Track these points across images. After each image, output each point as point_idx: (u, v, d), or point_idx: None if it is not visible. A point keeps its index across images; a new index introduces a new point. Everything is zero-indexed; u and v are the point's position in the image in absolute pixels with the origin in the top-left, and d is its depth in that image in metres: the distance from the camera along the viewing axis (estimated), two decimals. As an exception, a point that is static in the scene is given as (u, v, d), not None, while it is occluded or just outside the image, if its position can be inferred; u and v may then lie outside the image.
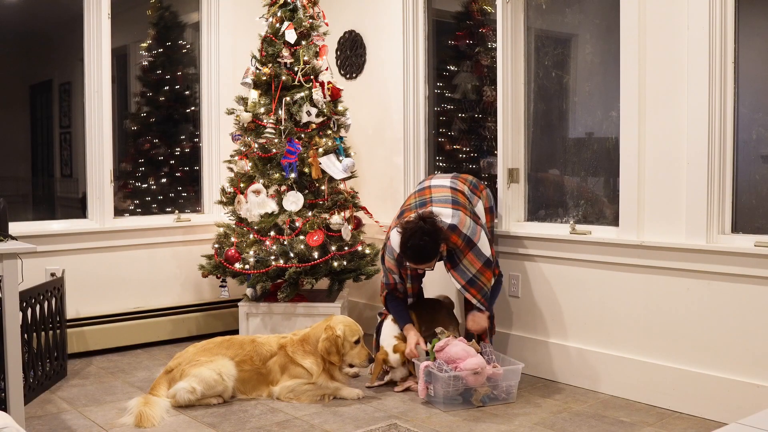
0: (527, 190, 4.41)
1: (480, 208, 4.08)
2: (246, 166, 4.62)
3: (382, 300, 4.16)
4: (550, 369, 4.15)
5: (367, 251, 4.74)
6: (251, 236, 4.53)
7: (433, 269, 3.95)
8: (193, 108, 5.45)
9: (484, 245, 3.84)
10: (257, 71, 4.62)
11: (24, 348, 3.63)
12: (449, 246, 3.81)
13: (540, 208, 4.38)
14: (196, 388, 3.64)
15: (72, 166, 5.11)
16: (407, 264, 3.88)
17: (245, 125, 4.62)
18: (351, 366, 3.90)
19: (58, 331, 4.17)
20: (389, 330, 4.02)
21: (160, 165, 5.33)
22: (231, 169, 4.74)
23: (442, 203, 3.90)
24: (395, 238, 3.88)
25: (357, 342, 3.84)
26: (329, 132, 4.69)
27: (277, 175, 4.53)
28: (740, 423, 2.03)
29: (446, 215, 3.81)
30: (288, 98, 4.56)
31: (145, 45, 5.29)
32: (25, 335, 3.73)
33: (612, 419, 3.50)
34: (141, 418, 3.39)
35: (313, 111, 4.57)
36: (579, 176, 4.19)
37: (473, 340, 3.85)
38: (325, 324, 3.87)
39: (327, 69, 4.73)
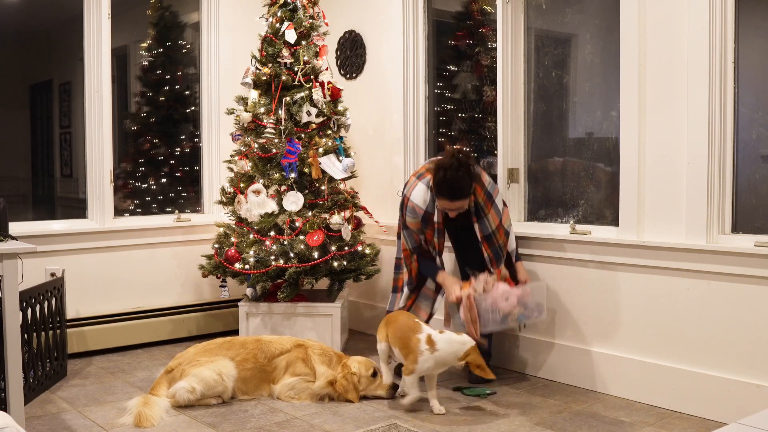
0: (527, 190, 4.41)
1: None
2: (246, 166, 4.62)
3: (413, 271, 4.11)
4: (551, 369, 4.15)
5: (367, 251, 4.74)
6: (251, 236, 4.53)
7: (465, 210, 3.83)
8: (193, 108, 5.46)
9: (500, 202, 3.90)
10: (257, 71, 4.62)
11: (24, 348, 3.63)
12: (476, 197, 3.82)
13: (540, 208, 4.38)
14: (196, 387, 3.64)
15: (72, 166, 5.11)
16: (438, 208, 3.85)
17: (245, 125, 4.62)
18: (377, 397, 3.82)
19: (58, 331, 4.17)
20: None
21: (160, 165, 5.33)
22: (231, 169, 4.74)
23: None
24: (419, 194, 3.86)
25: (374, 375, 3.80)
26: (329, 132, 4.69)
27: (277, 175, 4.53)
28: (740, 423, 2.03)
29: None
30: (288, 98, 4.56)
31: (145, 45, 5.29)
32: (25, 335, 3.73)
33: (612, 419, 3.50)
34: (140, 418, 3.40)
35: (313, 111, 4.57)
36: (579, 176, 4.19)
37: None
38: (339, 362, 3.85)
39: (327, 69, 4.74)
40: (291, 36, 4.59)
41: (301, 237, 4.43)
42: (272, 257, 4.44)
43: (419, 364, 3.53)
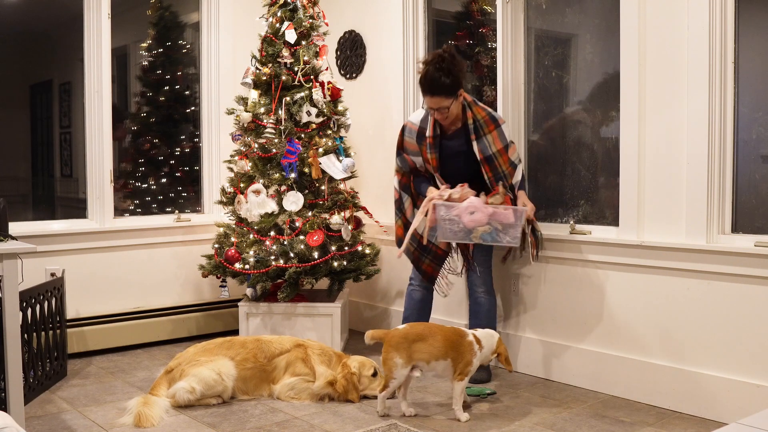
0: (527, 190, 4.39)
1: None
2: (246, 166, 4.62)
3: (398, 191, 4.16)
4: (550, 369, 4.15)
5: (367, 251, 4.74)
6: (251, 236, 4.53)
7: (449, 109, 3.77)
8: (193, 108, 5.46)
9: (507, 133, 3.91)
10: (257, 71, 4.62)
11: (24, 348, 3.63)
12: (474, 114, 3.85)
13: (540, 208, 4.36)
14: (196, 387, 3.64)
15: (72, 166, 5.11)
16: (429, 125, 3.89)
17: (245, 125, 4.62)
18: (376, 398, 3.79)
19: (58, 331, 4.17)
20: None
21: (160, 165, 5.33)
22: (231, 169, 4.74)
23: None
24: (416, 114, 4.02)
25: (374, 375, 3.80)
26: (329, 132, 4.69)
27: (277, 175, 4.53)
28: (740, 423, 2.03)
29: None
30: (288, 98, 4.56)
31: (145, 45, 5.29)
32: (25, 335, 3.73)
33: (612, 419, 3.50)
34: (140, 418, 3.40)
35: (313, 111, 4.57)
36: (579, 176, 4.18)
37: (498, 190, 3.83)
38: (339, 362, 3.84)
39: (327, 69, 4.74)
40: (291, 36, 4.59)
41: (301, 237, 4.43)
42: (272, 257, 4.44)
43: (472, 366, 3.49)
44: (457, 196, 3.74)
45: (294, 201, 4.49)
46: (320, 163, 4.55)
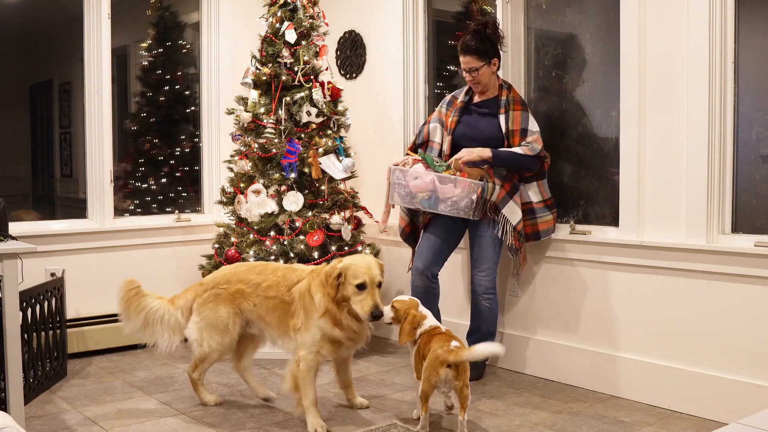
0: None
1: None
2: (246, 166, 4.62)
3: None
4: (550, 369, 4.15)
5: (367, 251, 4.74)
6: (251, 236, 4.53)
7: (478, 72, 3.95)
8: (193, 108, 5.46)
9: (532, 119, 4.00)
10: (257, 71, 4.63)
11: (24, 348, 3.63)
12: (509, 93, 4.02)
13: (540, 208, 4.37)
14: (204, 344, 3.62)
15: (72, 166, 5.11)
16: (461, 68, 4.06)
17: (245, 125, 4.62)
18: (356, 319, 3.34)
19: (58, 331, 4.17)
20: None
21: (160, 165, 5.33)
22: (231, 169, 4.74)
23: None
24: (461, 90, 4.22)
25: (361, 287, 3.26)
26: (329, 132, 4.69)
27: (277, 175, 4.54)
28: (740, 423, 2.03)
29: None
30: (288, 98, 4.57)
31: (145, 45, 5.30)
32: (25, 335, 3.73)
33: (612, 419, 3.51)
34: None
35: (313, 111, 4.58)
36: (579, 176, 4.18)
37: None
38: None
39: (327, 69, 4.74)
40: (291, 36, 4.59)
41: (301, 237, 4.44)
42: (272, 257, 4.44)
43: None
44: (409, 165, 4.05)
45: (294, 201, 4.50)
46: (320, 163, 4.55)
